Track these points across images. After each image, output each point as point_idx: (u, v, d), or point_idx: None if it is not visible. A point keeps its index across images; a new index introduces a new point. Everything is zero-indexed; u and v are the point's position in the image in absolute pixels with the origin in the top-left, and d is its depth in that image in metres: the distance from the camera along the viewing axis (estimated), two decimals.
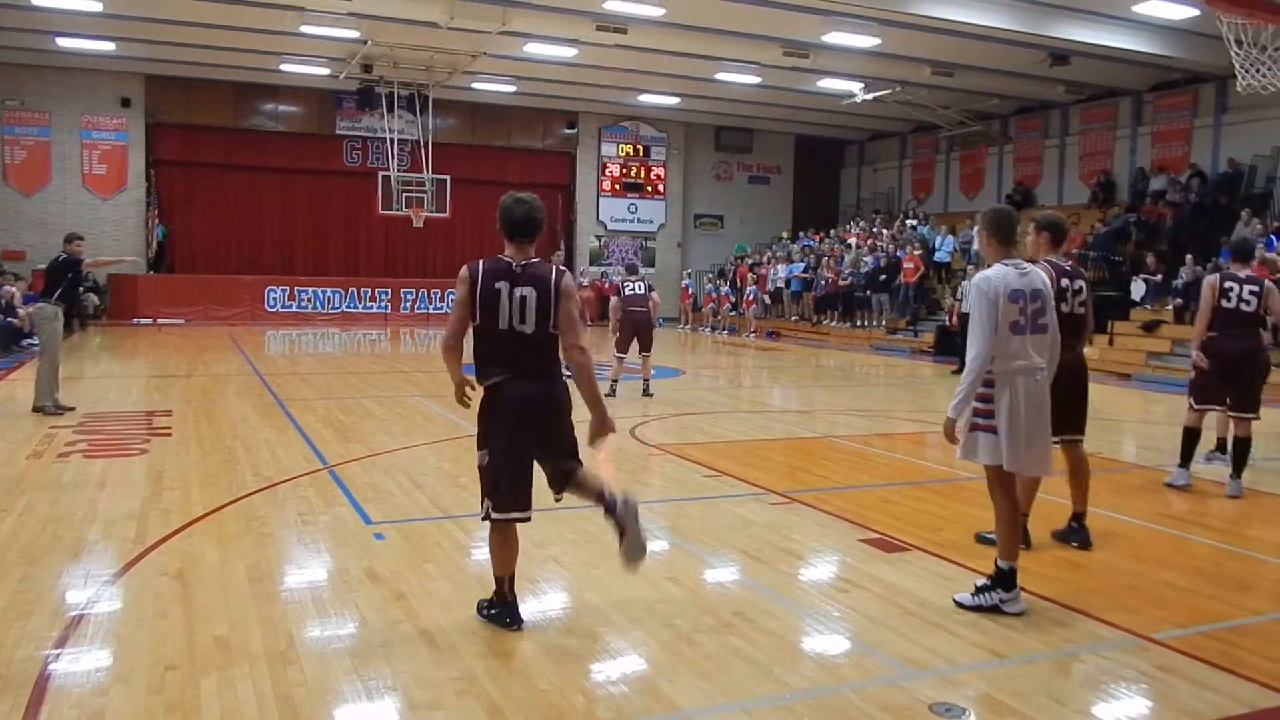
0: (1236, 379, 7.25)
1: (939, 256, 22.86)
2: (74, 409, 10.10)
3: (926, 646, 4.20)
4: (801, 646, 4.28)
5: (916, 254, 22.30)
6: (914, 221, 25.27)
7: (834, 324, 23.88)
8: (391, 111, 24.11)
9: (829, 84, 22.79)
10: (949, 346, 17.66)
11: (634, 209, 29.66)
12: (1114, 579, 5.27)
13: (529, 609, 4.46)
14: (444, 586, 4.85)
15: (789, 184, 31.54)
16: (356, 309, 25.67)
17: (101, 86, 23.89)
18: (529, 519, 4.29)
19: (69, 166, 23.89)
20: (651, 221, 29.88)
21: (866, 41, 18.67)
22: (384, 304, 25.98)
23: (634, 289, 12.38)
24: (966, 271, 18.74)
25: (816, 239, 27.36)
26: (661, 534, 6.10)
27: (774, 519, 6.38)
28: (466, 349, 4.31)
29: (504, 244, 4.29)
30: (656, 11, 17.40)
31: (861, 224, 27.15)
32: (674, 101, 26.48)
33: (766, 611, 4.62)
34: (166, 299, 23.83)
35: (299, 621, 4.36)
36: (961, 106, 24.46)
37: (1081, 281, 5.83)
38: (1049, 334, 4.73)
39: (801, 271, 25.15)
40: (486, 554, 4.44)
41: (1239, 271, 7.39)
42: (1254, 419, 7.36)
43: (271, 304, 24.92)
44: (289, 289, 25.15)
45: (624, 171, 29.42)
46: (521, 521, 4.28)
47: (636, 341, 12.27)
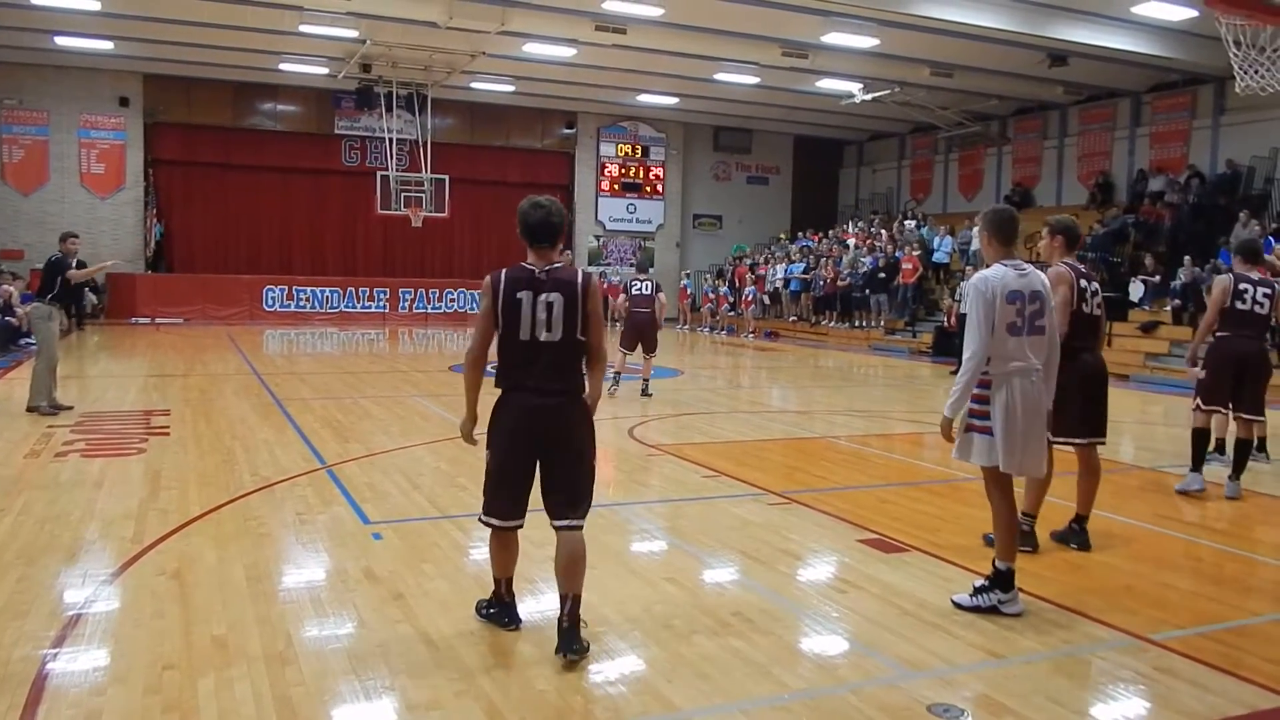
0: (1248, 380, 7.24)
1: (937, 257, 22.87)
2: (72, 408, 10.08)
3: (925, 647, 4.20)
4: (800, 647, 4.28)
5: (915, 255, 22.32)
6: (913, 222, 25.28)
7: (832, 324, 23.88)
8: (390, 111, 24.09)
9: (828, 84, 22.79)
10: (947, 347, 17.67)
11: (633, 209, 29.66)
12: (1112, 580, 5.27)
13: (527, 609, 4.45)
14: (442, 586, 4.85)
15: (788, 184, 31.54)
16: (355, 309, 25.62)
17: (100, 85, 23.86)
18: (517, 528, 4.20)
19: (67, 166, 23.86)
20: (650, 222, 29.89)
21: (865, 42, 18.68)
22: (382, 304, 25.94)
23: (641, 289, 12.30)
24: (965, 272, 18.74)
25: (815, 239, 27.37)
26: (660, 534, 6.10)
27: (772, 519, 6.37)
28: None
29: (525, 251, 4.17)
30: (655, 12, 17.40)
31: (860, 224, 27.15)
32: (673, 102, 26.48)
33: (765, 612, 4.62)
34: (165, 298, 23.79)
35: (297, 621, 4.36)
36: (960, 107, 24.46)
37: (1096, 284, 5.86)
38: (1047, 335, 4.71)
39: (800, 272, 25.14)
40: (484, 554, 4.43)
41: (1250, 273, 7.31)
42: (1261, 421, 7.36)
43: (270, 303, 24.88)
44: (287, 288, 25.12)
45: (623, 171, 29.43)
46: (506, 530, 4.20)
47: (641, 343, 12.26)
